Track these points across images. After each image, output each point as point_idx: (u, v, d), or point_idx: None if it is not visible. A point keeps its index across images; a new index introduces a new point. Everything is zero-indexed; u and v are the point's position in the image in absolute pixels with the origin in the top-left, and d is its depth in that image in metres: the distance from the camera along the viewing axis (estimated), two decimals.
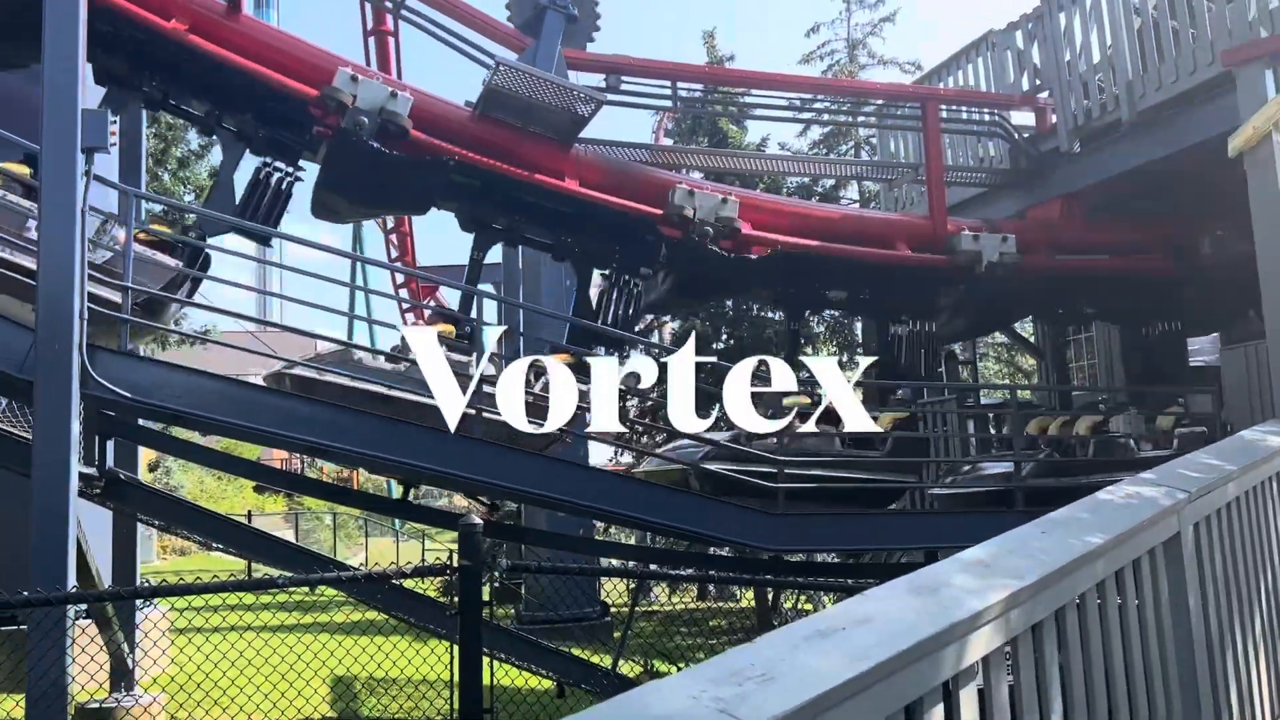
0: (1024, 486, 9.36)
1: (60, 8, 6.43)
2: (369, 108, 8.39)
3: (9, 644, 9.10)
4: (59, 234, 6.28)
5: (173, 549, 31.61)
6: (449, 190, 9.20)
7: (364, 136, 8.40)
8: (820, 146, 22.84)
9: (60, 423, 6.22)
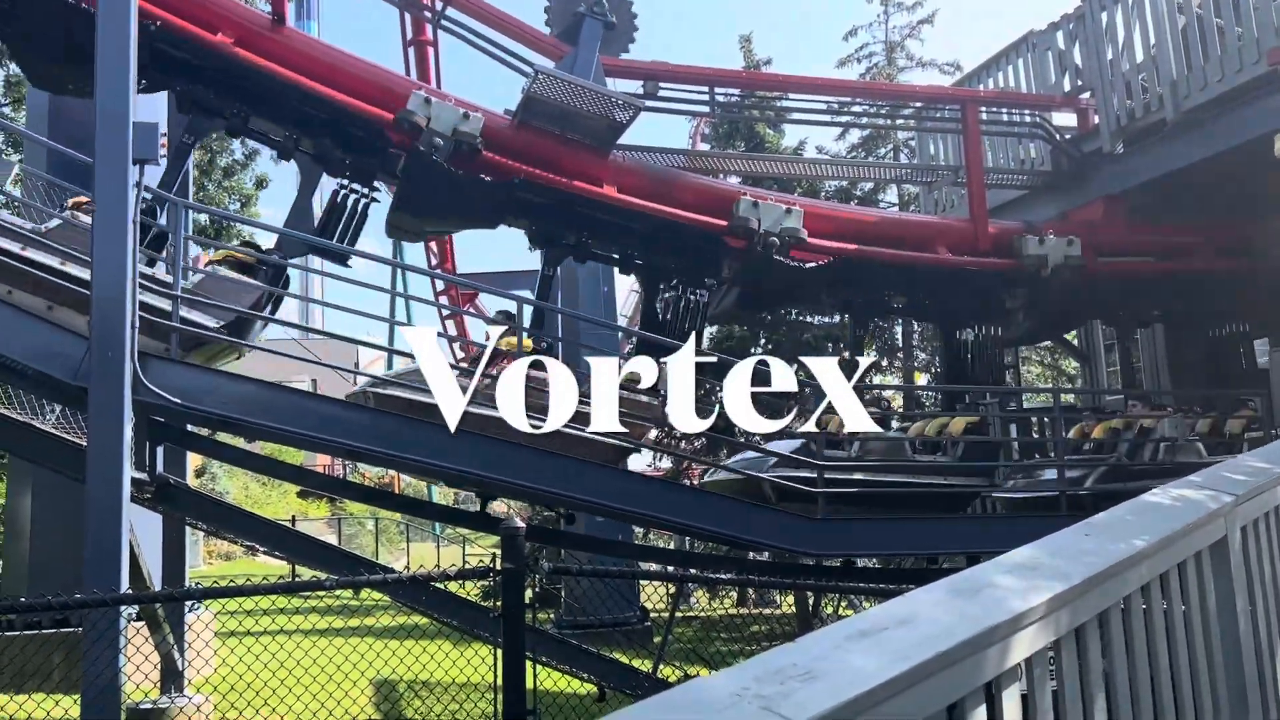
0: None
1: (112, 23, 6.59)
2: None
3: (64, 646, 9.32)
4: (112, 245, 6.43)
5: (218, 554, 32.08)
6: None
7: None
8: (859, 150, 22.72)
9: (113, 429, 6.37)
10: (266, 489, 38.93)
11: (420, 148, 8.52)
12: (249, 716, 8.18)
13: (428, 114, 8.56)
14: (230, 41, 8.31)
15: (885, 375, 23.35)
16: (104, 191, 6.51)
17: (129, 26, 6.58)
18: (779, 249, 9.52)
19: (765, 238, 9.44)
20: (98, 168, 6.55)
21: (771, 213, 9.47)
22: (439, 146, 8.50)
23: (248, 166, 21.88)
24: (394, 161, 8.89)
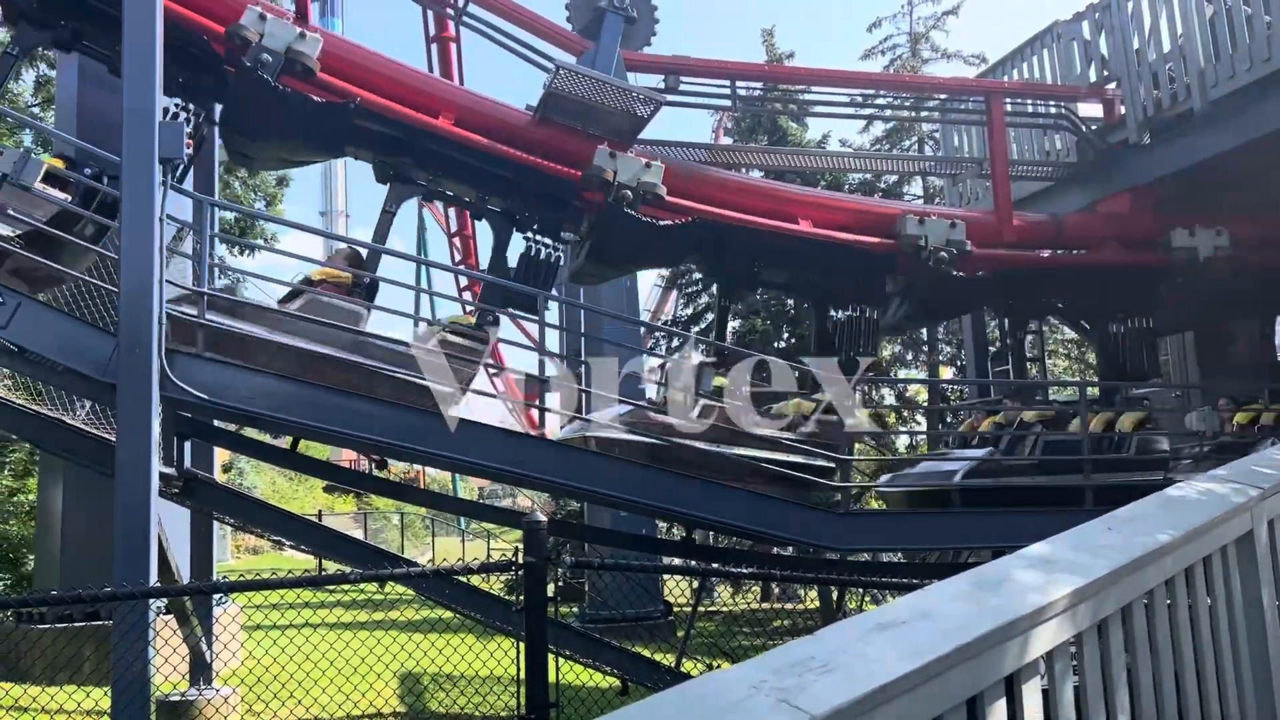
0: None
1: (137, 24, 6.66)
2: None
3: (95, 638, 9.46)
4: (139, 242, 6.50)
5: (246, 548, 32.44)
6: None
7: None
8: (883, 142, 22.60)
9: (141, 424, 6.45)
10: (293, 484, 39.31)
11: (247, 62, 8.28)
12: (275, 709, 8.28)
13: (260, 30, 8.23)
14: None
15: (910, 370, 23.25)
16: (131, 190, 6.58)
17: (154, 28, 6.65)
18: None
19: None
20: (125, 167, 6.62)
21: (630, 166, 9.20)
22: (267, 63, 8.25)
23: None
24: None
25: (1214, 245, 10.58)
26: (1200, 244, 10.58)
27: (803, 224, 9.95)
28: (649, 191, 9.08)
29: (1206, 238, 10.57)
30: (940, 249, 9.81)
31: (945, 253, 9.81)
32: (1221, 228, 10.65)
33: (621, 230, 9.24)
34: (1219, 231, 10.60)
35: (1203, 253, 10.54)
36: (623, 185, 9.04)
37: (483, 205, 9.52)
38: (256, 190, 21.65)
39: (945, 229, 9.95)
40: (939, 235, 9.90)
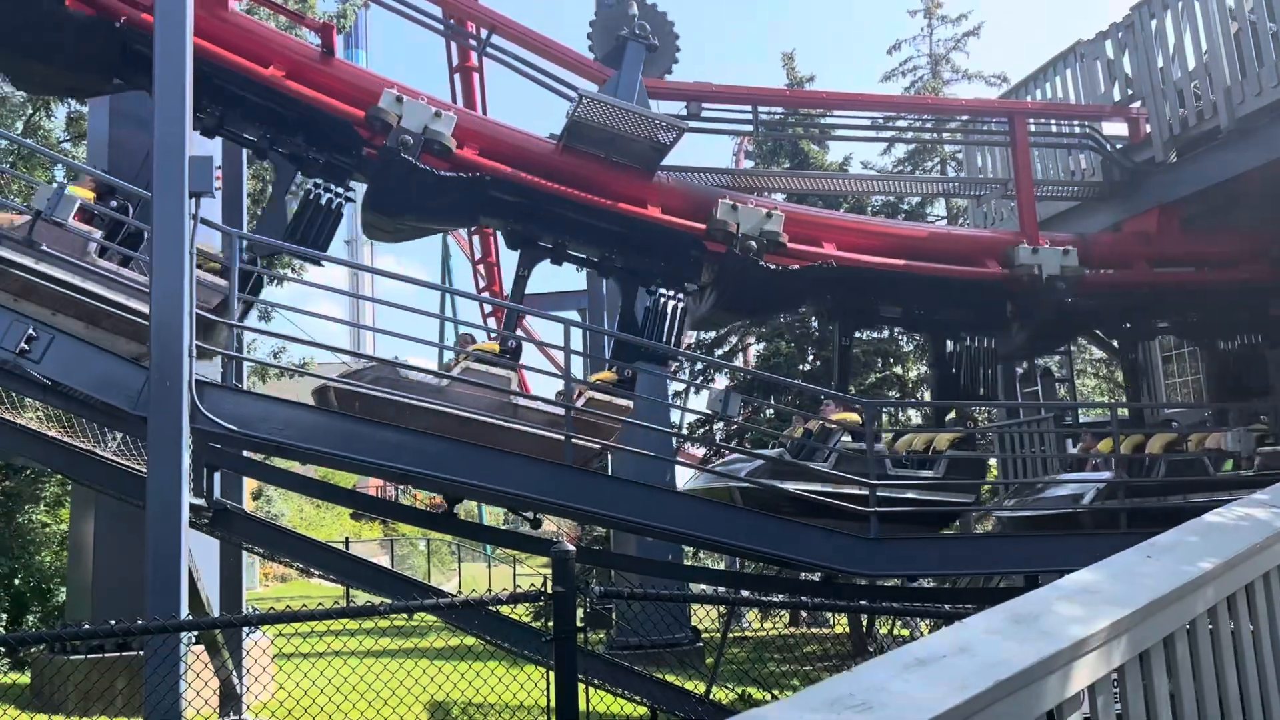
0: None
1: (168, 56, 6.77)
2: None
3: (128, 670, 9.49)
4: (170, 275, 6.58)
5: (274, 576, 32.53)
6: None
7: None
8: (905, 164, 22.57)
9: (171, 456, 6.50)
10: (321, 511, 39.45)
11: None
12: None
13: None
14: (282, 75, 8.48)
15: None
16: (162, 224, 6.66)
17: (185, 63, 6.76)
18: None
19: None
20: (155, 200, 6.71)
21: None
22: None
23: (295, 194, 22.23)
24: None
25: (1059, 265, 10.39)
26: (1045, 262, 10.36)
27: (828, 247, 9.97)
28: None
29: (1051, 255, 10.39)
30: (1056, 276, 9.98)
31: (1061, 280, 9.99)
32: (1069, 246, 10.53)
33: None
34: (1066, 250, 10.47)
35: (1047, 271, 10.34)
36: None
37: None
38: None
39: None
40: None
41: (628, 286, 9.92)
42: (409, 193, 8.69)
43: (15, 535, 15.71)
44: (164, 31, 6.82)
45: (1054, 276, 10.05)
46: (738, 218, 9.32)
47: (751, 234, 9.29)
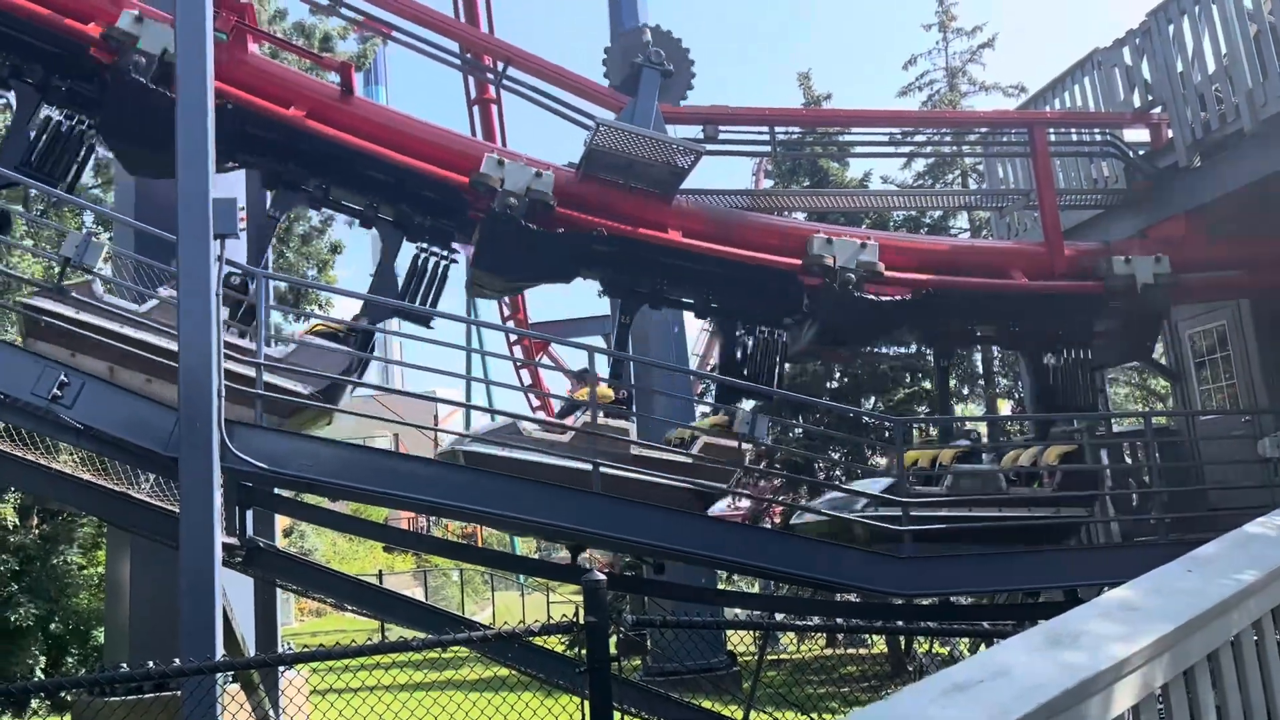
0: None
1: (190, 106, 6.88)
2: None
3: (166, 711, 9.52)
4: (197, 317, 6.65)
5: (309, 610, 32.63)
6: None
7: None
8: (925, 178, 22.50)
9: (203, 496, 6.55)
10: (353, 544, 39.55)
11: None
12: None
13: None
14: (303, 115, 8.59)
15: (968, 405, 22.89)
16: (188, 266, 6.75)
17: (206, 109, 6.86)
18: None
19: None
20: (181, 244, 6.80)
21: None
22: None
23: (324, 232, 22.50)
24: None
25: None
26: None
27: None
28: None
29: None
30: (848, 270, 9.70)
31: (852, 274, 9.65)
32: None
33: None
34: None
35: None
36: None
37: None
38: (309, 259, 22.09)
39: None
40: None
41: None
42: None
43: (52, 578, 15.88)
44: (185, 77, 6.94)
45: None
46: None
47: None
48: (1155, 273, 10.18)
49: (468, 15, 21.24)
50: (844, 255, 9.38)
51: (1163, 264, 10.20)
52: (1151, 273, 10.17)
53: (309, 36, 21.45)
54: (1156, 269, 10.19)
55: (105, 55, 8.05)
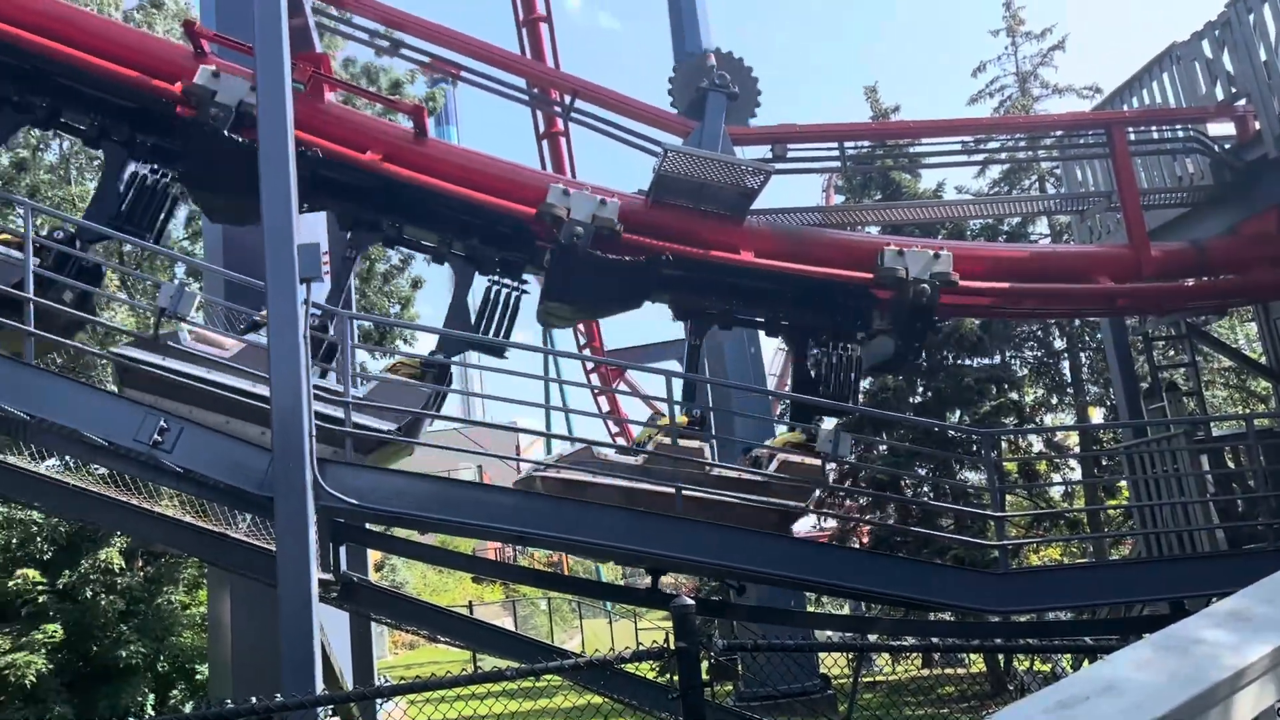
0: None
1: (272, 155, 7.13)
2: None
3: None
4: (287, 359, 6.86)
5: (403, 643, 33.12)
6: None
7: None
8: (1001, 185, 22.11)
9: (298, 533, 6.71)
10: (443, 576, 40.08)
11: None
12: None
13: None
14: (379, 158, 8.83)
15: (1057, 414, 22.32)
16: (276, 311, 6.97)
17: (288, 159, 7.10)
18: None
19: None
20: (269, 290, 7.03)
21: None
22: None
23: (404, 270, 22.98)
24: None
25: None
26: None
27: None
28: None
29: None
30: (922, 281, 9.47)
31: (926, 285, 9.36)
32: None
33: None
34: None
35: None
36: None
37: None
38: (391, 296, 22.58)
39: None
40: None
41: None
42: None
43: (157, 618, 16.41)
44: (266, 129, 7.19)
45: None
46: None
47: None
48: (933, 272, 9.44)
49: (533, 51, 21.65)
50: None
51: (943, 261, 9.45)
52: (928, 270, 9.46)
53: (374, 80, 22.05)
54: (936, 267, 9.43)
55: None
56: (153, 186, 8.89)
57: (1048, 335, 21.79)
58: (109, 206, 8.74)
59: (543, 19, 21.66)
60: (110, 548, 15.80)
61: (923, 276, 9.23)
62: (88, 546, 15.93)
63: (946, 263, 9.30)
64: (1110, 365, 14.53)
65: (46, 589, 15.49)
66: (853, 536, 19.55)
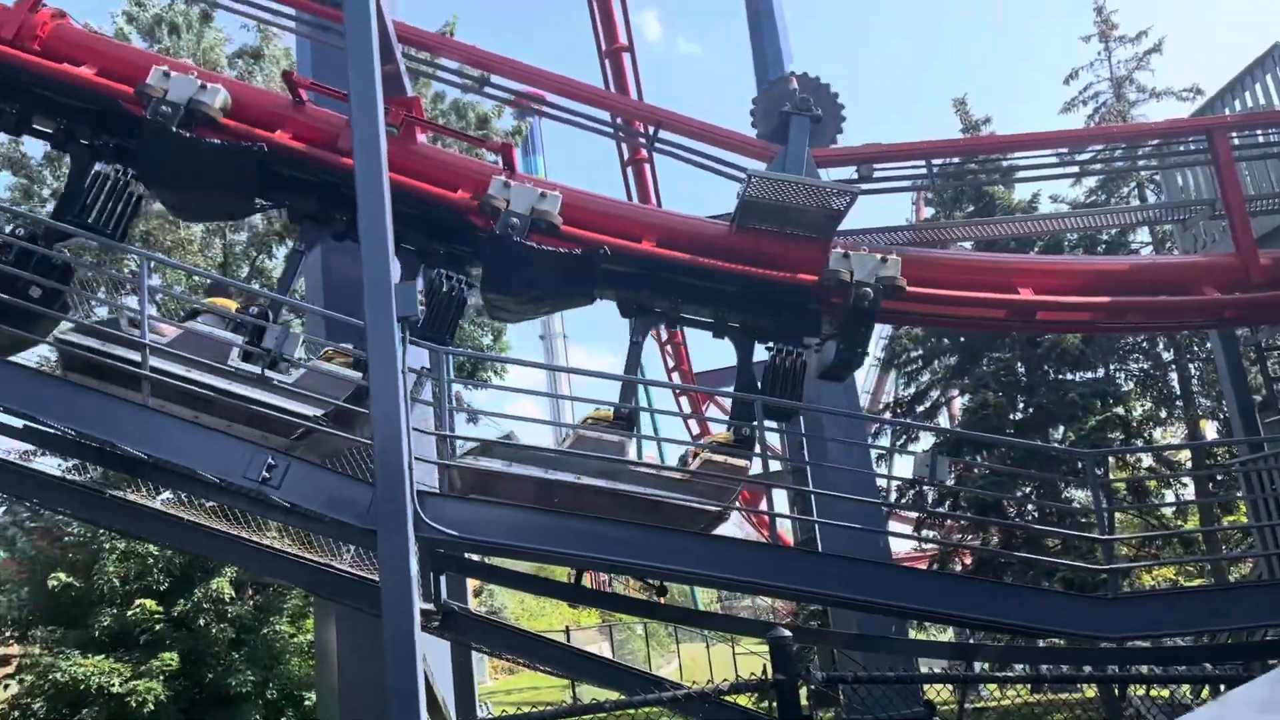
0: None
1: (369, 201, 7.38)
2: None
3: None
4: (387, 396, 7.06)
5: (503, 669, 33.46)
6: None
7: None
8: (1097, 193, 21.50)
9: (401, 565, 6.88)
10: (540, 602, 40.41)
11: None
12: None
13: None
14: (468, 197, 9.04)
15: (1166, 429, 21.52)
16: (376, 349, 7.18)
17: (384, 202, 7.35)
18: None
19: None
20: (369, 328, 7.25)
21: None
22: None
23: None
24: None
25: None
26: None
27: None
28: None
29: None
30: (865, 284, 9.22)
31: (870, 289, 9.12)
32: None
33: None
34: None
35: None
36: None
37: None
38: (483, 327, 23.04)
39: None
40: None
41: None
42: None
43: (266, 647, 16.96)
44: (363, 173, 7.45)
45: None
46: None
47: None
48: (877, 274, 9.12)
49: (616, 80, 21.94)
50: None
51: (890, 266, 9.12)
52: (874, 274, 9.13)
53: (463, 115, 22.61)
54: (882, 271, 9.11)
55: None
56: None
57: (1154, 346, 21.03)
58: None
59: (624, 49, 21.92)
60: (221, 578, 16.41)
61: (867, 280, 9.02)
62: (200, 577, 16.59)
63: (894, 267, 9.07)
64: (1221, 378, 13.98)
65: (163, 618, 16.15)
66: (953, 560, 19.11)
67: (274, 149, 8.74)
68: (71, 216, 8.63)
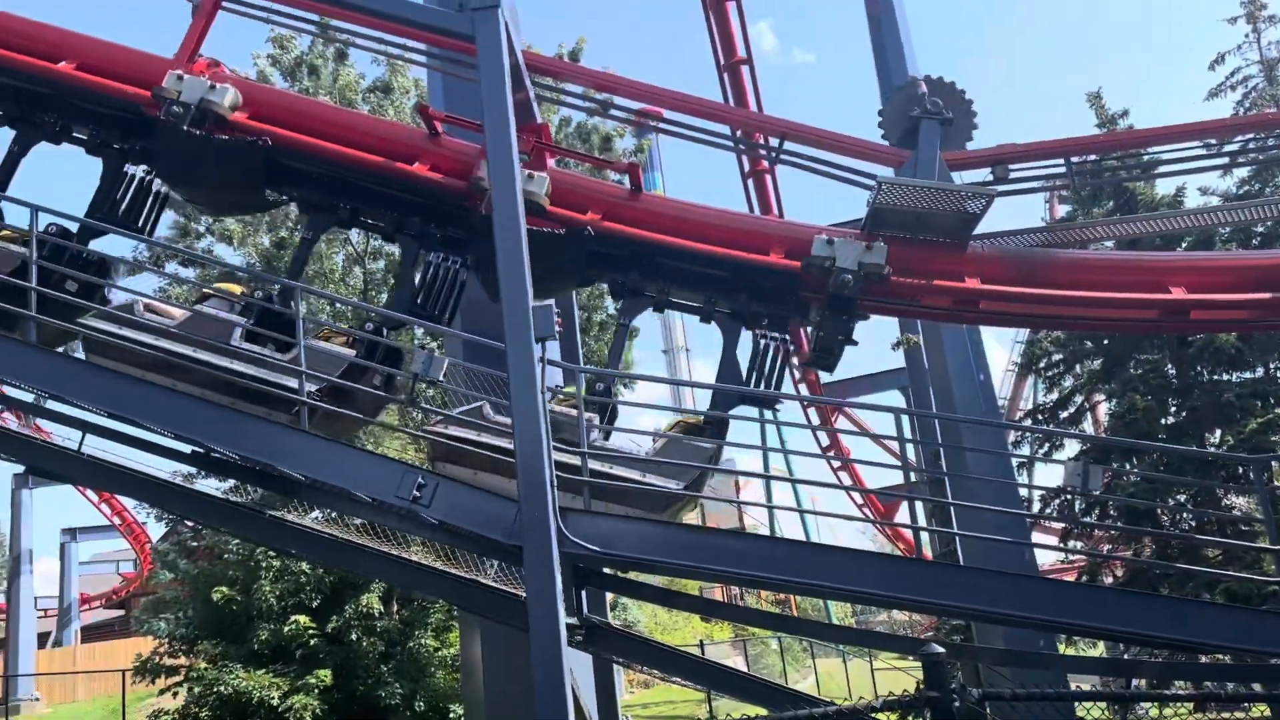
0: None
1: (506, 226, 7.62)
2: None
3: None
4: (529, 415, 7.26)
5: (638, 682, 33.65)
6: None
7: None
8: (1251, 183, 20.30)
9: (546, 580, 7.05)
10: (673, 615, 40.50)
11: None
12: None
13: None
14: (598, 218, 9.20)
15: None
16: (516, 369, 7.40)
17: (519, 227, 7.57)
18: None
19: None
20: (509, 348, 7.48)
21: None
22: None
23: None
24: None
25: None
26: None
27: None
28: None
29: None
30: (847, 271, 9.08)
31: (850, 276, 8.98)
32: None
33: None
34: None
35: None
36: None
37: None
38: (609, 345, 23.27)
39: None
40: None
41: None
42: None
43: (412, 660, 17.50)
44: (500, 200, 7.71)
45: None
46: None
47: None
48: (860, 261, 8.79)
49: (735, 93, 21.97)
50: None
51: (875, 253, 8.78)
52: (857, 261, 8.81)
53: (586, 137, 22.95)
54: (866, 258, 8.79)
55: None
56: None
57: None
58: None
59: (743, 61, 21.94)
60: (370, 593, 17.04)
61: (850, 267, 8.78)
62: (350, 593, 17.26)
63: (879, 254, 8.83)
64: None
65: (316, 633, 16.86)
66: (1104, 570, 18.31)
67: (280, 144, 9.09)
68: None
